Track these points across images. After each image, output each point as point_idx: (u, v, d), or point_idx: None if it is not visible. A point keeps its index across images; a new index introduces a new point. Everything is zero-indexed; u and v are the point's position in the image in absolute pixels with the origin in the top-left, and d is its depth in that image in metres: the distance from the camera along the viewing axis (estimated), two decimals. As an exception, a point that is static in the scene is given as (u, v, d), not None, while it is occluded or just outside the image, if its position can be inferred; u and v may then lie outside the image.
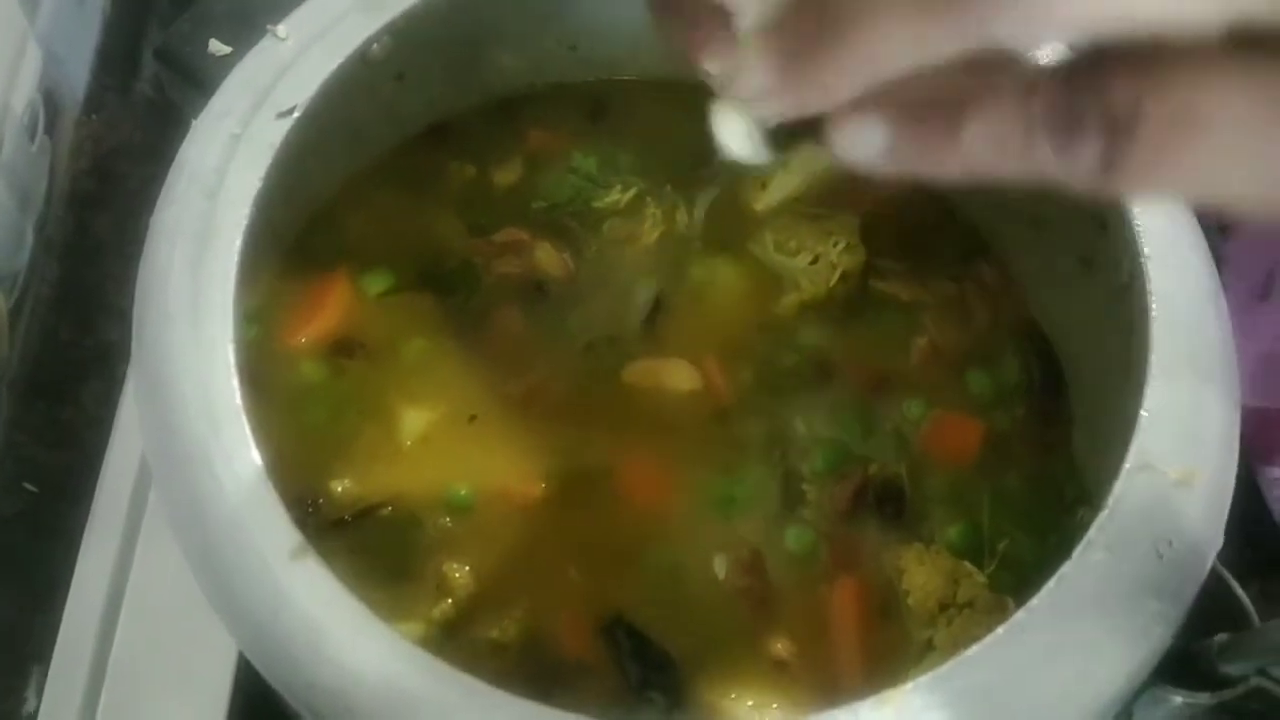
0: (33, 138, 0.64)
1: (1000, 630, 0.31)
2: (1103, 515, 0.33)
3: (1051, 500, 0.44)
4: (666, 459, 0.44)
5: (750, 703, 0.39)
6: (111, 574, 0.51)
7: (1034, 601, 0.31)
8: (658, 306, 0.47)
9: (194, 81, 0.41)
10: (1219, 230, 0.70)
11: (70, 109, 0.69)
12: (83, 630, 0.50)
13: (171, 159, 0.39)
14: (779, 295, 0.48)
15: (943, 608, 0.40)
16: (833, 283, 0.47)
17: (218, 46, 0.41)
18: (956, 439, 0.45)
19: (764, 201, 0.50)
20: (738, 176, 0.50)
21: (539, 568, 0.41)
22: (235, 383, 0.34)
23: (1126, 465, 0.34)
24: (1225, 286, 0.63)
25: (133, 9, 0.73)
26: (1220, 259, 0.66)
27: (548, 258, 0.47)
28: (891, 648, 0.40)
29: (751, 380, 0.46)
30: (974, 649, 0.31)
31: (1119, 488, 0.33)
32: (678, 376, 0.45)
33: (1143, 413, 0.34)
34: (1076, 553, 0.32)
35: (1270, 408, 0.56)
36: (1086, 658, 0.31)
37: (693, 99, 0.55)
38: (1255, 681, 0.32)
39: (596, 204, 0.49)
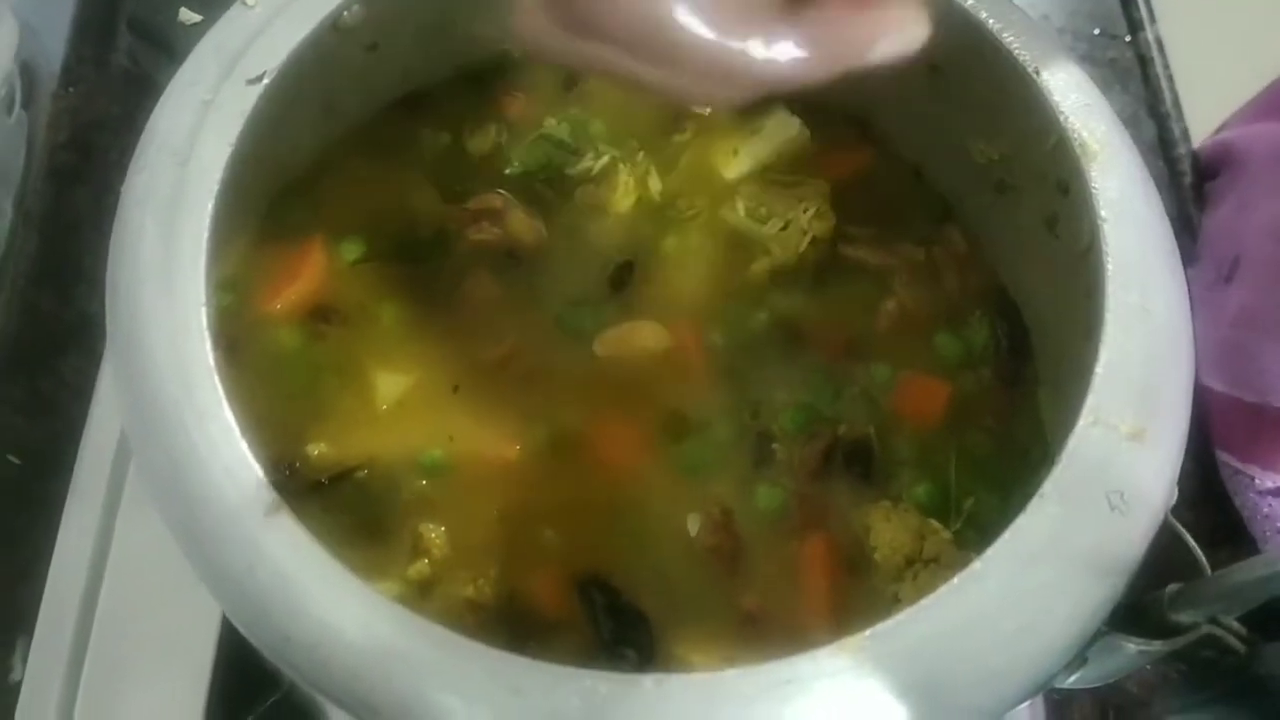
0: (10, 111, 0.64)
1: (956, 580, 0.32)
2: (1057, 468, 0.34)
3: (1017, 459, 0.45)
4: (639, 421, 0.45)
5: (721, 657, 0.40)
6: (94, 543, 0.52)
7: (989, 552, 0.32)
8: (630, 272, 0.48)
9: (165, 50, 0.42)
10: (1195, 202, 0.71)
11: (47, 82, 0.69)
12: (66, 599, 0.51)
13: (143, 131, 0.39)
14: (750, 261, 0.48)
15: (909, 563, 0.41)
16: (803, 248, 0.48)
17: (188, 15, 0.41)
18: (924, 400, 0.46)
19: (735, 169, 0.50)
20: (709, 144, 0.51)
21: (514, 529, 0.42)
22: (208, 346, 0.34)
23: (1080, 421, 0.34)
24: (1195, 264, 0.64)
25: (108, -19, 0.73)
26: (1191, 238, 0.67)
27: (521, 224, 0.48)
28: (859, 602, 0.41)
29: (723, 344, 0.47)
30: (930, 598, 0.32)
31: (1072, 442, 0.34)
32: (648, 337, 0.46)
33: (1097, 370, 0.35)
34: (1031, 505, 0.33)
35: (1229, 395, 0.57)
36: (1040, 606, 0.32)
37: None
38: (1206, 629, 0.33)
39: (569, 171, 0.50)
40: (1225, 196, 0.67)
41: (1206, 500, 0.61)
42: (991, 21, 0.43)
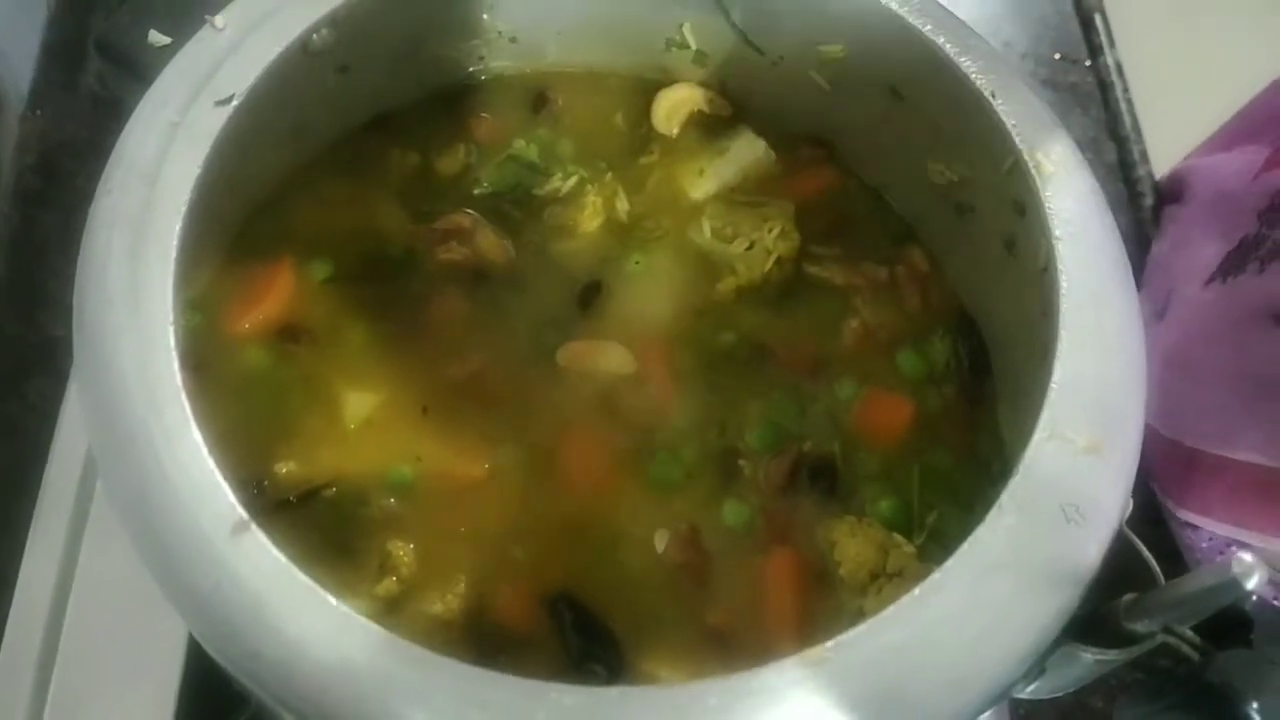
0: (-24, 133, 0.64)
1: (916, 591, 0.32)
2: (1014, 481, 0.34)
3: (978, 475, 0.45)
4: (607, 439, 0.45)
5: (688, 672, 0.40)
6: (59, 565, 0.51)
7: (948, 563, 0.33)
8: (598, 292, 0.48)
9: (134, 72, 0.42)
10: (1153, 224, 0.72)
11: (15, 105, 0.69)
12: (31, 621, 0.50)
13: (111, 152, 0.40)
14: (716, 280, 0.49)
15: (874, 577, 0.42)
16: (768, 268, 0.49)
17: (157, 37, 0.42)
18: (887, 417, 0.46)
19: (701, 189, 0.51)
20: (676, 165, 0.52)
21: (482, 545, 0.42)
22: (175, 365, 0.35)
23: (1036, 435, 0.35)
24: (1141, 291, 0.65)
25: (77, 4, 0.73)
26: (1139, 271, 0.68)
27: (489, 244, 0.48)
28: (825, 617, 0.42)
29: (690, 362, 0.47)
30: (891, 609, 0.32)
31: (1029, 455, 0.35)
32: (611, 359, 0.46)
33: (1053, 385, 0.36)
34: (989, 517, 0.34)
35: (1166, 436, 0.57)
36: (998, 616, 0.33)
37: (632, 89, 0.57)
38: (1161, 638, 0.33)
39: (538, 192, 0.50)
40: (1168, 229, 0.68)
41: (1166, 515, 0.62)
42: (949, 47, 0.44)
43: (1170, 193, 0.71)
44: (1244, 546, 0.56)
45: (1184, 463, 0.56)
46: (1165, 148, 0.76)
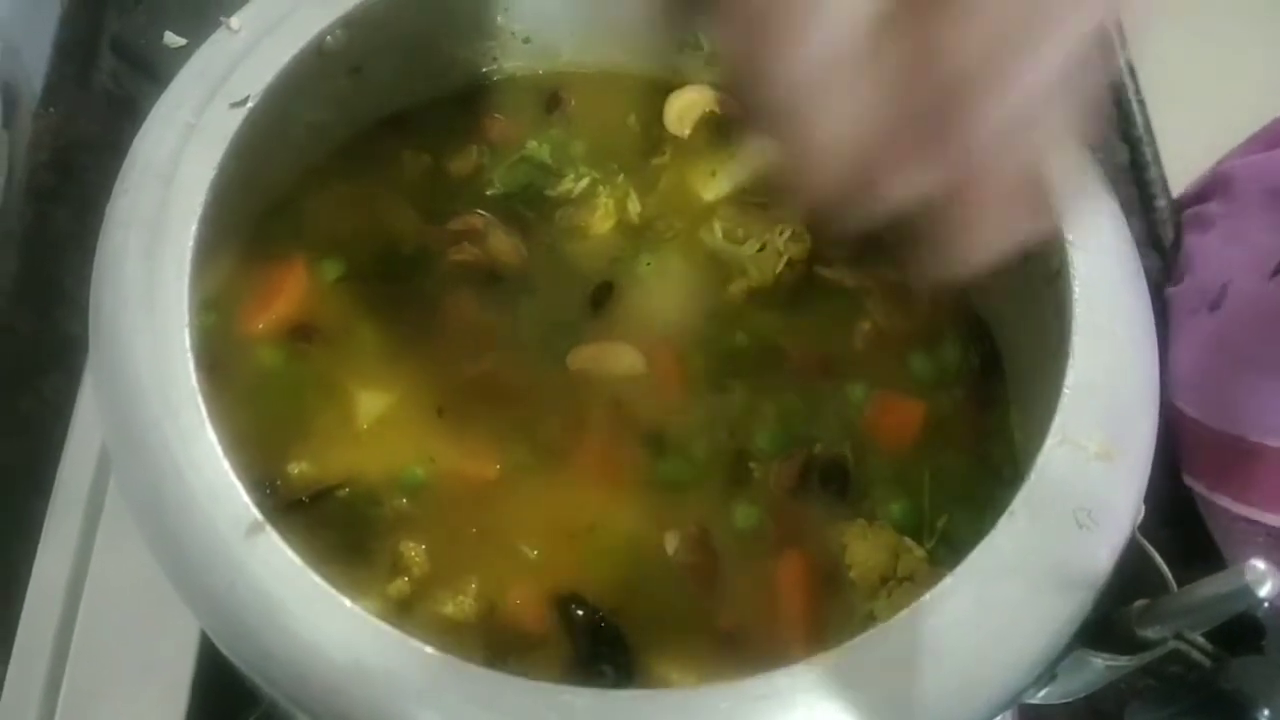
0: (-10, 130, 0.64)
1: (927, 596, 0.32)
2: (1026, 487, 0.34)
3: (989, 478, 0.45)
4: (618, 440, 0.45)
5: (698, 674, 0.40)
6: (72, 562, 0.52)
7: (960, 568, 0.33)
8: (609, 293, 0.48)
9: (149, 73, 0.42)
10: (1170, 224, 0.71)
11: (28, 101, 0.69)
12: (44, 619, 0.51)
13: (128, 153, 0.40)
14: (727, 282, 0.49)
15: (884, 581, 0.42)
16: (779, 269, 0.49)
17: (172, 38, 0.42)
18: (899, 420, 0.46)
19: (713, 191, 0.51)
20: (688, 166, 0.52)
21: (493, 546, 0.42)
22: (191, 366, 0.35)
23: (1049, 440, 0.35)
24: (1176, 284, 0.65)
25: (91, 1, 0.73)
26: (1161, 260, 0.68)
27: (502, 245, 0.48)
28: (835, 620, 0.42)
29: (701, 364, 0.47)
30: (903, 614, 0.32)
31: (1041, 460, 0.35)
32: (622, 361, 0.46)
33: (1065, 390, 0.36)
34: (1001, 522, 0.34)
35: (1203, 423, 0.57)
36: (1010, 622, 0.33)
37: (645, 90, 0.57)
38: (1173, 644, 0.33)
39: (550, 193, 0.50)
40: (1215, 223, 0.68)
41: (1179, 519, 0.62)
42: (963, 49, 0.44)
43: (1208, 190, 0.71)
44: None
45: (1244, 456, 0.56)
46: (1178, 149, 0.76)
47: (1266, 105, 0.70)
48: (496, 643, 0.40)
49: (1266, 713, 0.30)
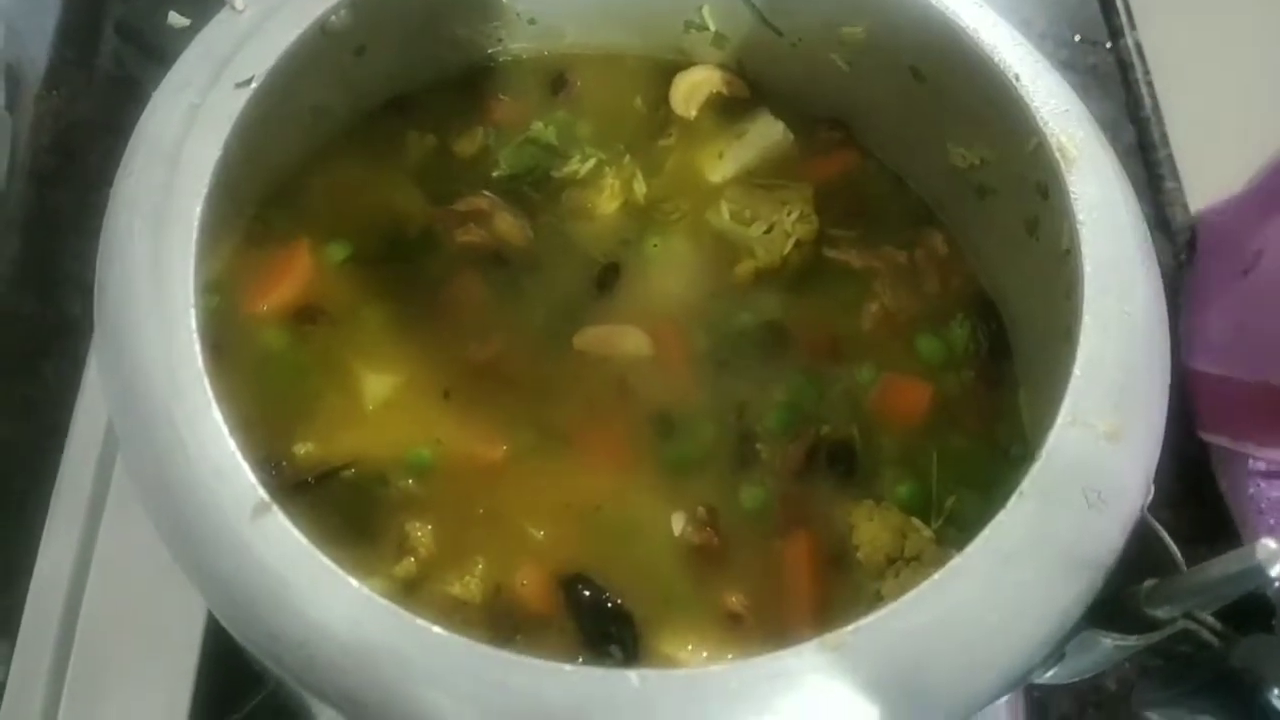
0: (-7, 112, 0.64)
1: (937, 575, 0.32)
2: (1035, 466, 0.34)
3: (998, 458, 0.45)
4: (625, 421, 0.45)
5: (705, 654, 0.40)
6: (78, 544, 0.52)
7: (969, 548, 0.33)
8: (616, 274, 0.48)
9: (153, 54, 0.42)
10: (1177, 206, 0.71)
11: (31, 84, 0.69)
12: (50, 600, 0.51)
13: (132, 134, 0.40)
14: (735, 263, 0.49)
15: (891, 561, 0.42)
16: (787, 251, 0.49)
17: (177, 19, 0.42)
18: (906, 401, 0.46)
19: (720, 172, 0.51)
20: (694, 147, 0.52)
21: (500, 527, 0.42)
22: (197, 347, 0.35)
23: (1059, 420, 0.35)
24: (1209, 255, 0.66)
25: (93, -17, 0.72)
26: (1169, 240, 0.68)
27: (507, 227, 0.48)
28: (843, 600, 0.42)
29: (707, 345, 0.47)
30: (911, 594, 0.32)
31: (1051, 441, 0.35)
32: (628, 342, 0.46)
33: (1075, 371, 0.36)
34: (1011, 503, 0.34)
35: (1232, 377, 0.58)
36: (1019, 601, 0.33)
37: (651, 72, 0.56)
38: (1182, 624, 0.33)
39: (556, 174, 0.50)
40: (1250, 198, 0.69)
41: (1186, 499, 0.62)
42: (972, 28, 0.44)
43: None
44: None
45: (1253, 397, 0.58)
46: (1185, 130, 0.75)
47: (1278, 86, 0.69)
48: (503, 623, 0.40)
49: (1276, 691, 0.30)
